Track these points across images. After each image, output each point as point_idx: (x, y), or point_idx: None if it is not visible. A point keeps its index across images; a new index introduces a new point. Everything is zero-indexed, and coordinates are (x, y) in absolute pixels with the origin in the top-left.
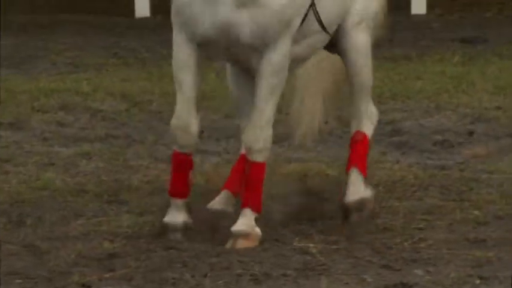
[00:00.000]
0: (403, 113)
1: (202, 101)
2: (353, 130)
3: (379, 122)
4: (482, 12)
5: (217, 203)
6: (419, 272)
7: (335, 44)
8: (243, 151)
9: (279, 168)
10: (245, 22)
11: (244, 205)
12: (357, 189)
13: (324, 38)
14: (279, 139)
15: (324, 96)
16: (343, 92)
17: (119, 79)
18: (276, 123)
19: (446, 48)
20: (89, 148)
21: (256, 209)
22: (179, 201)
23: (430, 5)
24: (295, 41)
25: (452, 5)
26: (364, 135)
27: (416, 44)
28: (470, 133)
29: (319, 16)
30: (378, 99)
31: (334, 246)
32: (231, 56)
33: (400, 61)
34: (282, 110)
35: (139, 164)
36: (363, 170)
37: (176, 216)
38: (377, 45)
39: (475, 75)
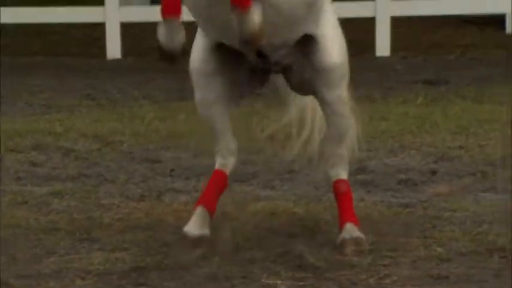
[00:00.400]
0: (368, 153)
1: (171, 139)
2: (333, 177)
3: None
4: (445, 54)
5: (194, 224)
6: None
7: (315, 90)
8: (217, 167)
9: (247, 207)
10: None
11: None
12: (354, 231)
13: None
14: (247, 178)
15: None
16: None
17: (91, 120)
18: (246, 163)
19: (409, 90)
20: (61, 187)
21: None
22: (174, 20)
23: (394, 48)
24: None
25: (416, 48)
26: (347, 184)
27: (380, 86)
28: (434, 172)
29: None
30: None
31: (302, 283)
32: None
33: (365, 102)
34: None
35: (111, 203)
36: (356, 222)
37: (173, 37)
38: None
39: (438, 116)
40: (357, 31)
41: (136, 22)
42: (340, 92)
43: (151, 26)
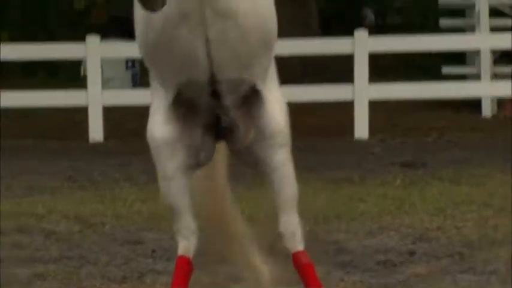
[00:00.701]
0: (347, 234)
1: (152, 221)
2: (291, 249)
3: (324, 242)
4: (422, 137)
5: None
6: None
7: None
8: (181, 252)
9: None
10: None
11: None
12: None
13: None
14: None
15: None
16: None
17: (73, 202)
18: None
19: (387, 172)
20: (43, 269)
21: None
22: None
23: (372, 130)
24: None
25: (394, 131)
26: (306, 255)
27: (359, 168)
28: (412, 253)
29: None
30: (323, 220)
31: None
32: None
33: (343, 184)
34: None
35: (93, 284)
36: None
37: None
38: (322, 168)
39: (416, 198)
40: (336, 114)
41: (118, 106)
42: (287, 155)
43: (133, 109)
